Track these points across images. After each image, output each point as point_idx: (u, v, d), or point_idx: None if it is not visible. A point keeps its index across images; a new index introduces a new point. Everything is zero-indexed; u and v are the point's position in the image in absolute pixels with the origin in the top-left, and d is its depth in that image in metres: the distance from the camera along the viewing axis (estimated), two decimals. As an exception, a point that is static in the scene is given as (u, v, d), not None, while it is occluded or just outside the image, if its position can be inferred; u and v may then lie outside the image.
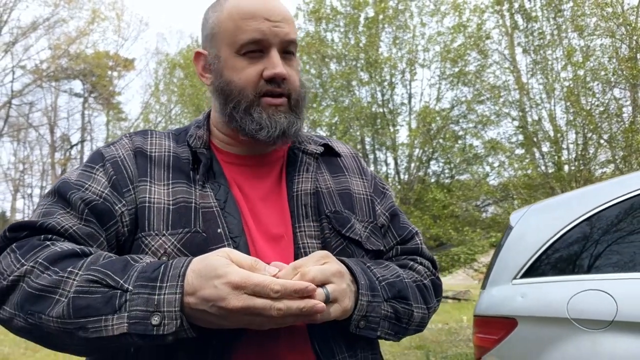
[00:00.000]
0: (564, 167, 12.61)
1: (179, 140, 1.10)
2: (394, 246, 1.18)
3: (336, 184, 1.15)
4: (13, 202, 29.54)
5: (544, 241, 2.90)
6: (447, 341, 8.23)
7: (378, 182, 1.25)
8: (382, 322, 0.99)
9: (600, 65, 11.34)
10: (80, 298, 0.81)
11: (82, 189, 0.98)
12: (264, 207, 1.06)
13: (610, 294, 2.42)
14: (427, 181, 15.29)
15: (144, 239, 0.96)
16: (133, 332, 0.80)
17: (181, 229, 0.97)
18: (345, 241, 1.07)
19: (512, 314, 2.86)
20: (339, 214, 1.08)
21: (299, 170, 1.10)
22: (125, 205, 0.98)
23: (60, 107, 29.05)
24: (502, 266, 3.10)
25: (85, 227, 0.95)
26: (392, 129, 15.18)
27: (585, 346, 2.45)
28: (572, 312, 2.53)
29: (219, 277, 0.81)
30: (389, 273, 1.04)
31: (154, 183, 1.01)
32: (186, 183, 1.02)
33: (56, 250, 0.87)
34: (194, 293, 0.82)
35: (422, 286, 1.11)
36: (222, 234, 0.97)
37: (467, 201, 14.23)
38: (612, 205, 2.75)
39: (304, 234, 1.04)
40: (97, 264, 0.85)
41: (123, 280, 0.82)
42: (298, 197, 1.07)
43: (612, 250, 2.68)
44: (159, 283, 0.82)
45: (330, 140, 1.24)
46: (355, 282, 0.96)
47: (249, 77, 1.03)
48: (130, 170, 1.02)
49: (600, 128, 11.63)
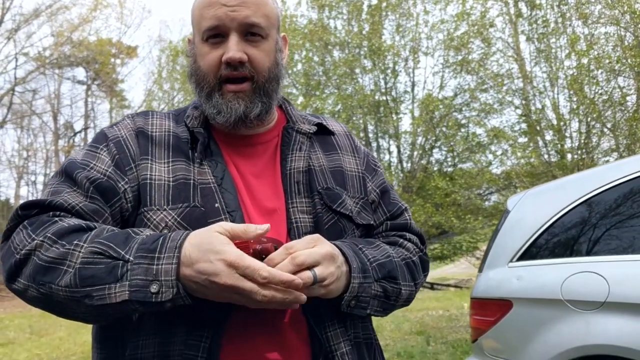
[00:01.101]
0: (566, 155, 12.61)
1: (178, 120, 1.15)
2: (383, 221, 1.22)
3: (329, 161, 1.19)
4: (17, 189, 29.71)
5: (540, 225, 2.94)
6: (448, 327, 8.30)
7: (370, 160, 1.29)
8: (372, 300, 1.05)
9: (604, 54, 11.31)
10: (85, 268, 0.87)
11: (87, 168, 1.03)
12: (259, 184, 1.11)
13: (602, 275, 2.46)
14: (429, 169, 15.30)
15: (146, 214, 1.02)
16: (134, 299, 0.85)
17: (181, 204, 1.02)
18: (337, 216, 1.11)
19: (507, 296, 2.90)
20: (330, 190, 1.13)
21: (292, 149, 1.14)
22: (127, 183, 1.04)
23: (63, 94, 29.06)
24: (499, 250, 3.14)
25: (90, 204, 1.00)
26: (395, 117, 15.17)
27: (579, 326, 2.50)
28: (565, 294, 2.57)
29: (216, 252, 0.86)
30: (379, 254, 1.09)
31: (154, 161, 1.06)
32: (185, 161, 1.07)
33: (63, 225, 0.93)
34: (191, 265, 0.87)
35: (411, 263, 1.16)
36: (220, 208, 1.02)
37: (469, 189, 14.25)
38: (608, 189, 2.78)
39: (296, 209, 1.08)
40: (101, 236, 0.91)
41: (124, 251, 0.88)
42: (291, 174, 1.11)
43: (608, 234, 2.72)
44: (157, 254, 0.87)
45: (324, 118, 1.28)
46: (348, 264, 1.01)
47: (211, 62, 1.08)
48: (132, 150, 1.07)
49: (604, 116, 11.62)
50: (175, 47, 20.60)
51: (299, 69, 15.45)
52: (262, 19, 1.08)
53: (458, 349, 6.83)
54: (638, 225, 2.65)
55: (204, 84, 1.09)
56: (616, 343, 2.34)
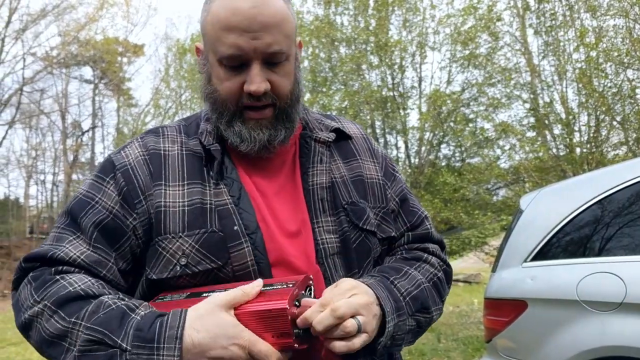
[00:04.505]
0: (575, 149, 12.51)
1: (190, 132, 1.12)
2: (404, 232, 1.20)
3: (349, 170, 1.15)
4: (26, 188, 29.85)
5: (554, 224, 2.92)
6: (458, 324, 8.28)
7: (389, 164, 1.25)
8: (406, 335, 1.03)
9: (613, 46, 11.20)
10: (84, 356, 0.87)
11: (92, 204, 1.01)
12: (279, 202, 1.07)
13: (619, 276, 2.44)
14: (437, 165, 15.22)
15: (160, 243, 1.00)
16: None
17: (197, 230, 0.99)
18: (363, 233, 1.08)
19: (522, 296, 2.89)
20: (355, 205, 1.10)
21: (312, 162, 1.10)
22: (137, 219, 1.01)
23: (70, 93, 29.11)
24: (513, 249, 3.13)
25: (93, 254, 0.99)
26: (403, 112, 15.10)
27: (594, 327, 2.48)
28: (581, 295, 2.56)
29: (228, 338, 0.85)
30: (410, 283, 1.06)
31: (168, 185, 1.03)
32: (200, 184, 1.04)
33: (63, 290, 0.92)
34: (202, 353, 0.85)
35: (438, 281, 1.14)
36: (239, 231, 0.99)
37: (477, 184, 14.16)
38: (622, 188, 2.76)
39: (322, 229, 1.05)
40: (97, 319, 0.89)
41: (120, 338, 0.86)
42: (314, 191, 1.07)
43: (622, 233, 2.70)
44: (155, 344, 0.85)
45: (340, 120, 1.24)
46: (381, 306, 0.98)
47: (231, 90, 1.03)
48: (142, 179, 1.03)
49: (613, 110, 11.51)
50: (182, 45, 20.56)
51: (306, 66, 15.39)
52: (284, 42, 1.01)
53: (469, 346, 6.82)
54: (654, 225, 2.62)
55: (223, 110, 1.05)
56: (633, 345, 2.32)
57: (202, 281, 1.00)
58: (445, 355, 6.43)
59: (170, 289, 1.02)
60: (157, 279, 1.00)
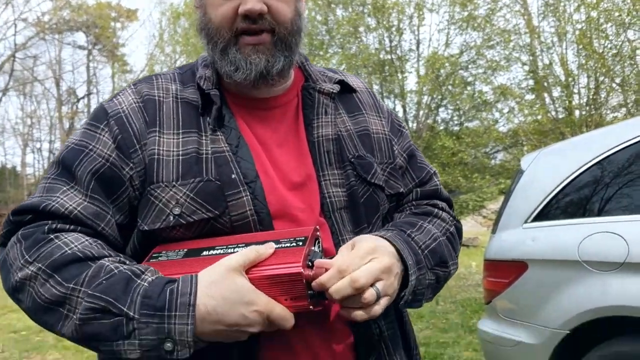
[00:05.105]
0: (574, 112, 12.45)
1: (185, 80, 1.05)
2: (412, 188, 1.15)
3: (355, 124, 1.09)
4: (23, 156, 29.66)
5: (555, 185, 2.88)
6: (456, 286, 8.34)
7: (394, 120, 1.20)
8: (426, 290, 0.99)
9: (614, 6, 11.03)
10: (86, 325, 0.81)
11: (86, 152, 0.94)
12: (282, 154, 1.01)
13: (622, 236, 2.41)
14: (435, 128, 15.17)
15: (153, 192, 0.93)
16: (147, 357, 0.80)
17: (192, 179, 0.93)
18: (372, 188, 1.03)
19: (522, 257, 2.87)
20: (362, 159, 1.04)
21: (317, 114, 1.04)
22: (133, 168, 0.95)
23: (64, 60, 28.78)
24: (513, 210, 3.10)
25: (90, 206, 0.91)
26: (401, 75, 14.97)
27: (595, 288, 2.47)
28: (582, 255, 2.53)
29: (246, 304, 0.81)
30: (426, 237, 1.02)
31: (163, 133, 0.97)
32: (196, 132, 0.97)
33: (58, 251, 0.85)
34: (218, 321, 0.80)
35: (450, 236, 1.09)
36: (237, 179, 0.94)
37: (476, 148, 14.14)
38: (623, 148, 2.71)
39: (328, 183, 1.00)
40: (98, 285, 0.82)
41: (126, 306, 0.80)
42: (320, 143, 1.02)
43: (623, 193, 2.66)
44: (167, 312, 0.79)
45: (343, 74, 1.17)
46: (402, 262, 0.94)
47: (225, 14, 0.96)
48: (136, 127, 0.97)
49: (613, 71, 11.41)
50: (176, 10, 20.23)
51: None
52: None
53: (467, 308, 6.88)
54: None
55: (217, 39, 0.98)
56: (635, 304, 2.31)
57: (197, 233, 0.94)
58: (443, 317, 6.48)
59: (164, 242, 0.96)
60: (149, 230, 0.93)
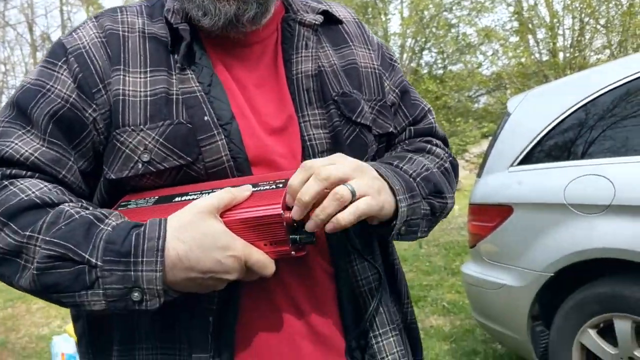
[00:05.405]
0: (558, 54, 12.37)
1: (154, 14, 0.94)
2: (406, 127, 1.07)
3: (340, 58, 1.00)
4: (-2, 104, 29.09)
5: (542, 127, 2.84)
6: (439, 230, 8.41)
7: (385, 53, 1.10)
8: (422, 222, 0.91)
9: (600, -56, 10.81)
10: (45, 275, 0.74)
11: (43, 92, 0.85)
12: (260, 95, 0.93)
13: (608, 178, 2.39)
14: (419, 72, 15.02)
15: (119, 137, 0.84)
16: (112, 308, 0.73)
17: (162, 122, 0.85)
18: (358, 128, 0.95)
19: (508, 201, 2.85)
20: (347, 96, 0.95)
21: (297, 47, 0.95)
22: (96, 110, 0.86)
23: (36, 3, 27.88)
24: (499, 154, 3.06)
25: (49, 151, 0.83)
26: (384, 18, 14.68)
27: (580, 230, 2.46)
28: (569, 198, 2.52)
29: (222, 249, 0.74)
30: (416, 167, 0.94)
31: (128, 71, 0.87)
32: (165, 71, 0.88)
33: (13, 198, 0.78)
34: (190, 268, 0.73)
35: (445, 171, 1.02)
36: (210, 121, 0.85)
37: (459, 92, 14.08)
38: (612, 89, 2.66)
39: (309, 124, 0.91)
40: (57, 230, 0.75)
41: (88, 253, 0.73)
42: (299, 80, 0.93)
43: (610, 135, 2.63)
44: (132, 258, 0.72)
45: (328, 4, 1.07)
46: (386, 182, 0.85)
47: None
48: (99, 64, 0.87)
49: (598, 12, 11.29)
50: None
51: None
52: None
53: (450, 250, 6.96)
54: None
55: None
56: (621, 246, 2.31)
57: (170, 181, 0.86)
58: (426, 260, 6.55)
59: (134, 191, 0.88)
60: (116, 178, 0.86)
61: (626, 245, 2.29)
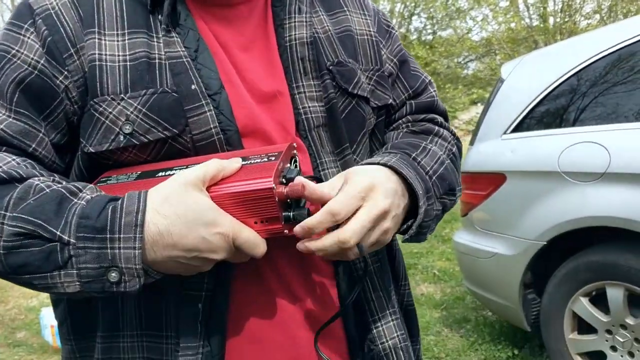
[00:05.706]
0: (549, 19, 12.27)
1: None
2: (406, 100, 1.01)
3: (334, 24, 0.93)
4: (-20, 73, 28.52)
5: (536, 94, 2.78)
6: (429, 197, 8.43)
7: (382, 19, 1.03)
8: (432, 222, 0.86)
9: None
10: (12, 254, 0.67)
11: (8, 57, 0.77)
12: (248, 59, 0.85)
13: (604, 145, 2.35)
14: (408, 38, 14.87)
15: (97, 106, 0.77)
16: (88, 290, 0.67)
17: (144, 90, 0.77)
18: (354, 100, 0.89)
19: (501, 169, 2.82)
20: (343, 65, 0.89)
21: (289, 12, 0.88)
22: (68, 77, 0.78)
23: (16, -32, 26.98)
24: (492, 121, 3.01)
25: (16, 122, 0.76)
26: (373, -18, 14.45)
27: (574, 199, 2.44)
28: (563, 166, 2.48)
29: (207, 225, 0.67)
30: (432, 160, 0.89)
31: (104, 34, 0.79)
32: (146, 33, 0.80)
33: None
34: (173, 244, 0.67)
35: (454, 157, 0.97)
36: (198, 91, 0.78)
37: (449, 58, 13.98)
38: (608, 54, 2.61)
39: (303, 96, 0.85)
40: (25, 207, 0.68)
41: (60, 229, 0.66)
42: (292, 47, 0.86)
43: (606, 102, 2.58)
44: (109, 234, 0.66)
45: None
46: (409, 192, 0.82)
47: None
48: (70, 27, 0.79)
49: (589, -25, 11.18)
50: None
51: None
52: None
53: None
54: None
55: None
56: (614, 214, 2.29)
57: (154, 155, 0.80)
58: (416, 228, 6.56)
59: (115, 166, 0.81)
60: (95, 152, 0.78)
61: (620, 214, 2.27)
